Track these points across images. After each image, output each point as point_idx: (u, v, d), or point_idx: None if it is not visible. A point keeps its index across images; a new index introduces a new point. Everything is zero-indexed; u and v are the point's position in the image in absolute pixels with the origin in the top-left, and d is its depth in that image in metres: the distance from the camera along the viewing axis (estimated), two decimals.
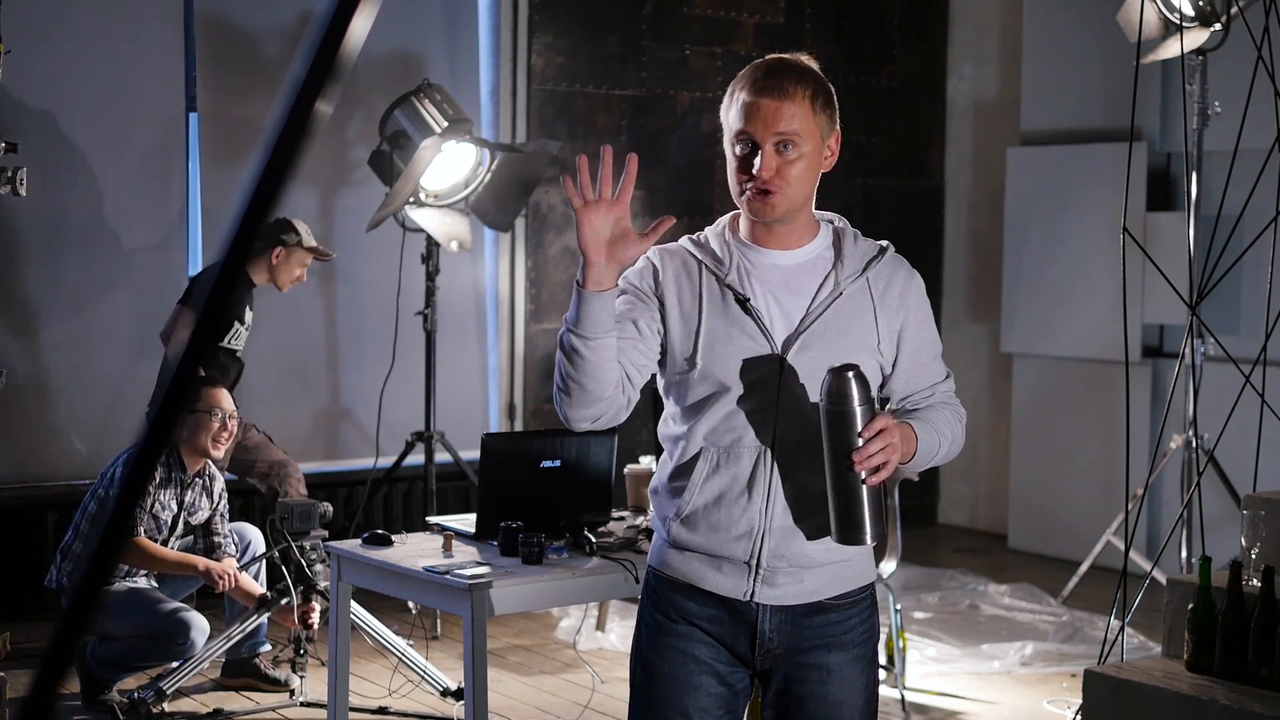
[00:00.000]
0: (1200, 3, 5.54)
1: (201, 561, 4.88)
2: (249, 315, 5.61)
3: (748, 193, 2.45)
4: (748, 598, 2.49)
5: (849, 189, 7.97)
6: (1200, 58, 5.73)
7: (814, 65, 2.51)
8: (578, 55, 7.27)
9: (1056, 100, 7.69)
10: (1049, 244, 7.56)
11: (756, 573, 2.48)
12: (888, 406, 2.61)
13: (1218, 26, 5.52)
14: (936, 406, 2.59)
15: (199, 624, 4.79)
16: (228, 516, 5.12)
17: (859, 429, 2.36)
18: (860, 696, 2.55)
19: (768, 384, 2.45)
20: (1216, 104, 5.75)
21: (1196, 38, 5.52)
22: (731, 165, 2.48)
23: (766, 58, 2.50)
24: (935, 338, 2.62)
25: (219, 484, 5.07)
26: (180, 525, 4.98)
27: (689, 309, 2.49)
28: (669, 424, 2.57)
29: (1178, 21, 5.53)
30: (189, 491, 4.97)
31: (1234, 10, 5.39)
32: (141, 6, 6.21)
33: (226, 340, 5.51)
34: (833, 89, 2.51)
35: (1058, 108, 7.69)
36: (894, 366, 2.55)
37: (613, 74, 7.37)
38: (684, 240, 2.57)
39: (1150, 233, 6.82)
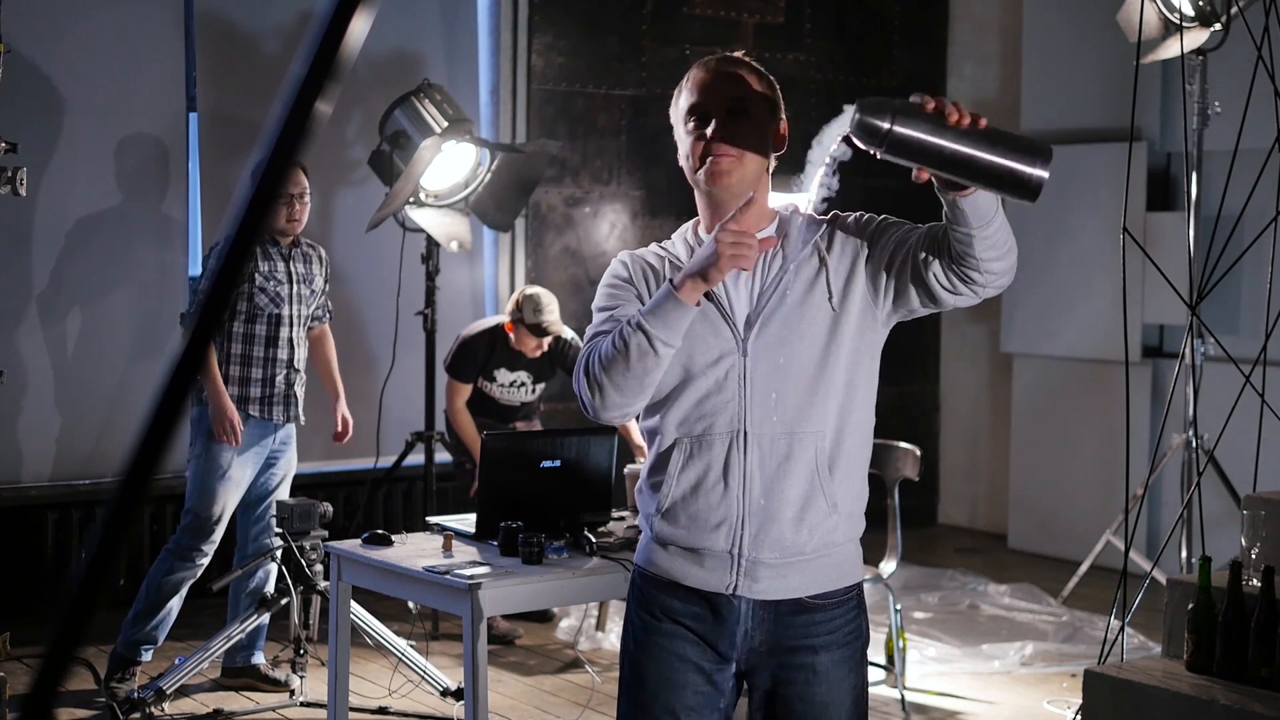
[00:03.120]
0: (1200, 3, 5.54)
1: (224, 398, 4.95)
2: (503, 372, 5.93)
3: (703, 164, 2.50)
4: (730, 591, 2.49)
5: (849, 189, 7.96)
6: (1200, 58, 5.73)
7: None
8: (578, 55, 7.27)
9: (1056, 100, 7.69)
10: (1049, 244, 7.56)
11: (739, 564, 2.48)
12: (896, 272, 2.45)
13: (1218, 26, 5.52)
14: None
15: (210, 540, 4.98)
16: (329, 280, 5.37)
17: (922, 107, 2.20)
18: (848, 697, 2.55)
19: (733, 368, 2.47)
20: (1216, 104, 5.75)
21: (1196, 38, 5.52)
22: (685, 145, 2.55)
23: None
24: (897, 220, 2.52)
25: (321, 249, 5.28)
26: (299, 293, 5.12)
27: None
28: (645, 418, 2.60)
29: (1178, 21, 5.52)
30: (296, 263, 5.12)
31: (1234, 10, 5.39)
32: (141, 6, 6.21)
33: (492, 393, 5.95)
34: (776, 83, 2.62)
35: (1058, 108, 7.69)
36: (885, 273, 2.46)
37: (613, 74, 7.37)
38: (651, 246, 2.64)
39: (1150, 233, 6.82)
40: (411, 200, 5.80)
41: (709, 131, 2.50)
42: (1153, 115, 7.24)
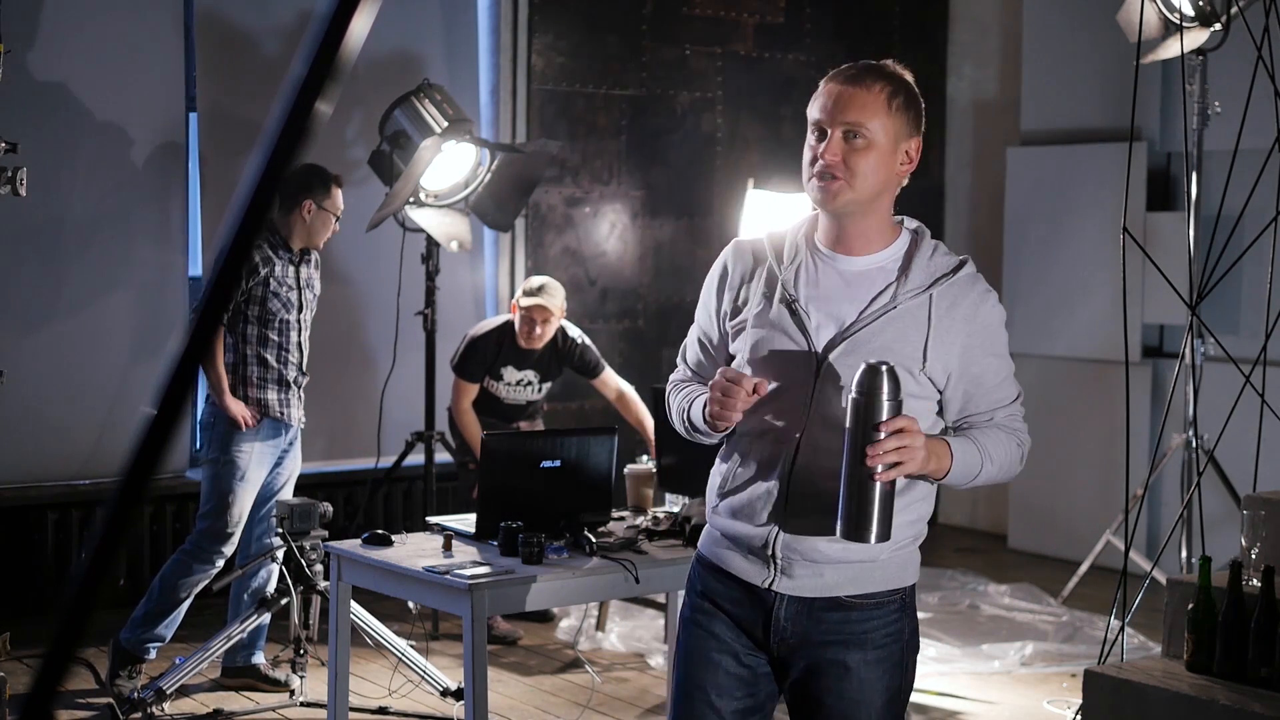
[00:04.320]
0: (1200, 3, 5.54)
1: (225, 394, 5.00)
2: (510, 371, 5.93)
3: (813, 179, 2.48)
4: (767, 585, 2.55)
5: None
6: (1200, 58, 5.73)
7: (904, 73, 2.56)
8: (578, 55, 7.27)
9: (1056, 100, 7.69)
10: (1049, 244, 7.56)
11: (775, 563, 2.53)
12: (941, 428, 2.58)
13: (1218, 26, 5.51)
14: (992, 429, 2.55)
15: (229, 542, 5.01)
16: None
17: (880, 424, 2.36)
18: (880, 698, 2.55)
19: (803, 385, 2.49)
20: (1216, 104, 5.75)
21: (1196, 38, 5.51)
22: (806, 157, 2.51)
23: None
24: (1003, 361, 2.58)
25: (316, 253, 5.33)
26: (306, 299, 5.17)
27: (742, 303, 2.58)
28: None
29: (1178, 21, 5.52)
30: (304, 268, 5.18)
31: (1234, 10, 5.39)
32: (141, 6, 6.21)
33: (498, 392, 5.95)
34: (919, 96, 2.55)
35: (1058, 108, 7.68)
36: (948, 387, 2.52)
37: (613, 74, 7.37)
38: (764, 231, 2.63)
39: (1150, 233, 6.82)
40: (411, 200, 5.79)
41: (822, 150, 2.46)
42: (1153, 115, 7.24)
